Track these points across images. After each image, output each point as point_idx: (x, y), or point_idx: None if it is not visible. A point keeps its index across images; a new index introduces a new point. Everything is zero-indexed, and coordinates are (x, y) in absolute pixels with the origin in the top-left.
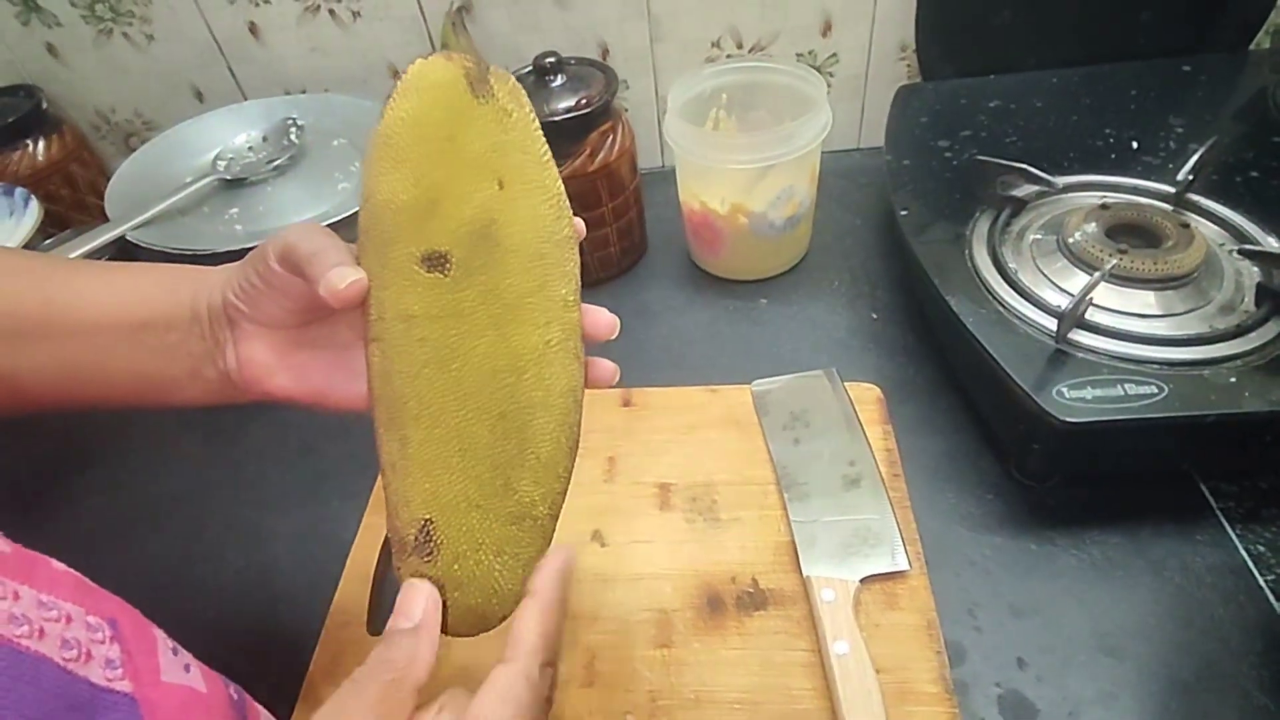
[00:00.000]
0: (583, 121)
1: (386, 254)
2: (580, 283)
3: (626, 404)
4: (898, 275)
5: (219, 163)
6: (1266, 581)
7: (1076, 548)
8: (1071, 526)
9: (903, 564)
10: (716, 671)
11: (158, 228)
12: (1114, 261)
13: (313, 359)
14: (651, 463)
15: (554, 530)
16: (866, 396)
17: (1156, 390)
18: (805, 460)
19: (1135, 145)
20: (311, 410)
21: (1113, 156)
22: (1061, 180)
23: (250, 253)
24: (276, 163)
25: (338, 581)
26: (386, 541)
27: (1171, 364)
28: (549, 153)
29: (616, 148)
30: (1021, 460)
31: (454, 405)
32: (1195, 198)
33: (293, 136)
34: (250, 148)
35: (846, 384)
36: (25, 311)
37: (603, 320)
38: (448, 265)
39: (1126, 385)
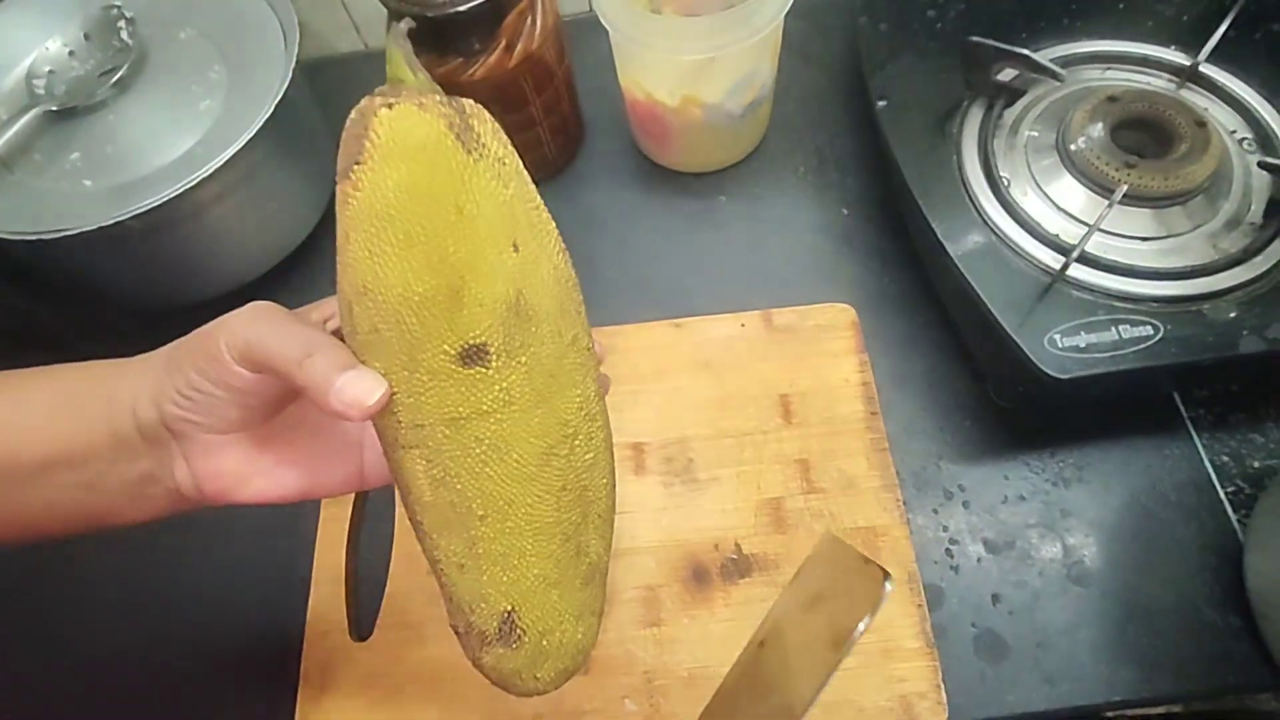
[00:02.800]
0: (492, 8)
1: (415, 357)
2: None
3: None
4: (869, 160)
5: (35, 83)
6: (1226, 494)
7: (1051, 472)
8: (1048, 449)
9: None
10: (708, 646)
11: None
12: (1124, 188)
13: (289, 451)
14: (621, 420)
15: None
16: (841, 319)
17: (1152, 331)
18: None
19: None
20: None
21: (1120, 6)
22: (1063, 50)
23: (180, 347)
24: (114, 76)
25: (307, 578)
26: (351, 536)
27: (1169, 300)
28: (535, 189)
29: (538, 30)
30: (1000, 386)
31: (519, 493)
32: (1210, 71)
33: (124, 34)
34: (71, 52)
35: (819, 306)
36: None
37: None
38: (489, 357)
39: (1121, 327)
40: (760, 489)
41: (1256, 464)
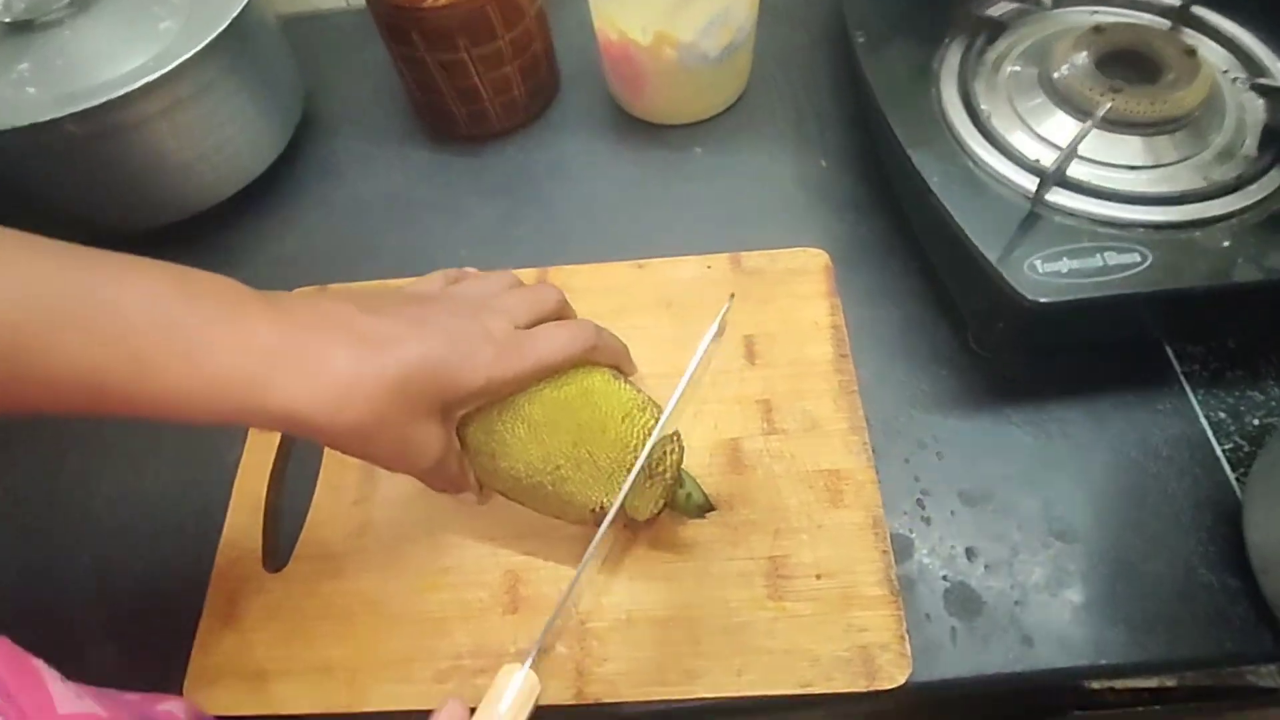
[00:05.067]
0: None
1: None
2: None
3: None
4: (851, 112)
5: None
6: (1224, 451)
7: (1033, 424)
8: (1030, 401)
9: None
10: (650, 588)
11: None
12: (1107, 105)
13: None
14: None
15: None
16: (813, 264)
17: (1140, 259)
18: None
19: None
20: None
21: None
22: None
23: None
24: None
25: (225, 509)
26: (276, 466)
27: (1158, 226)
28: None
29: None
30: (982, 334)
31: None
32: (1202, 12)
33: None
34: None
35: (790, 250)
36: None
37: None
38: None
39: (1106, 254)
40: (718, 429)
41: (1256, 421)
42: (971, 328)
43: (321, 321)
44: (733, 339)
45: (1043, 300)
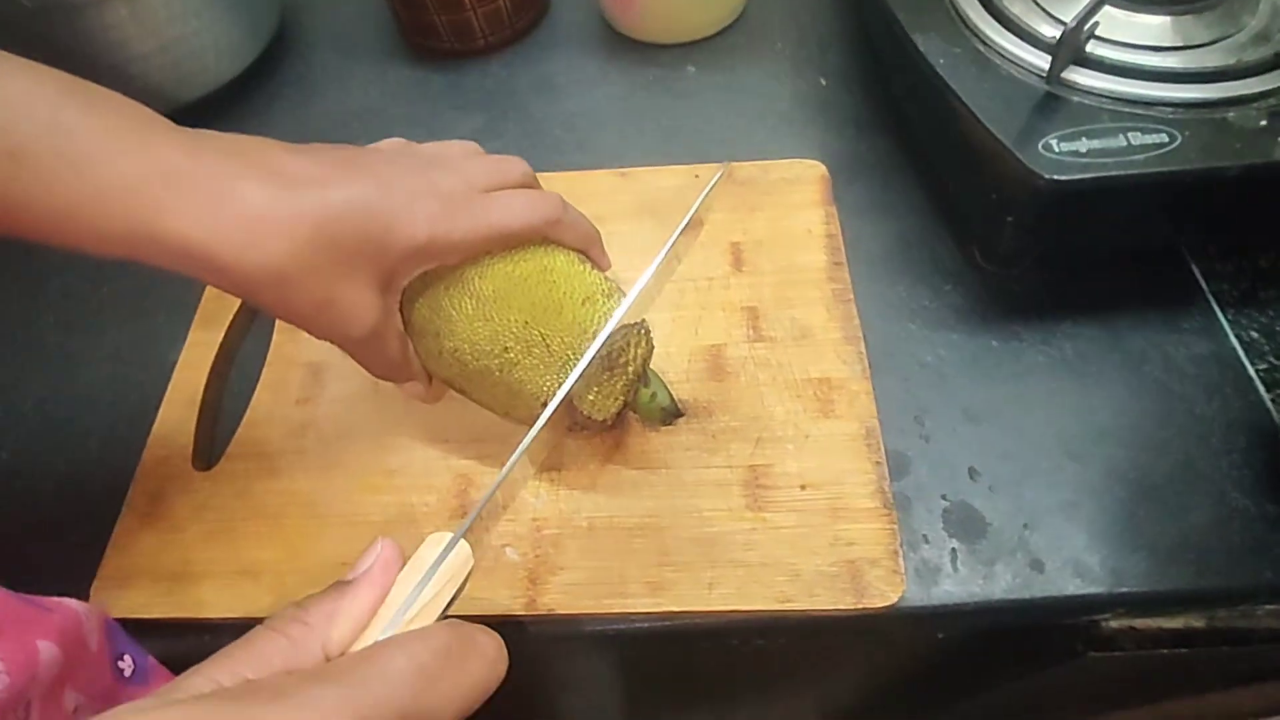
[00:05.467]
0: None
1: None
2: None
3: None
4: (854, 32)
5: None
6: (1258, 371)
7: (1045, 342)
8: (1041, 318)
9: None
10: (616, 495)
11: None
12: None
13: None
14: None
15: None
16: (808, 174)
17: (1168, 139)
18: None
19: None
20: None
21: None
22: None
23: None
24: None
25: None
26: (217, 361)
27: (1187, 105)
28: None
29: None
30: (990, 241)
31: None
32: None
33: None
34: None
35: (784, 161)
36: None
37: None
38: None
39: (1130, 134)
40: (698, 334)
41: None
42: (978, 240)
43: (235, 150)
44: (718, 245)
45: (1060, 178)
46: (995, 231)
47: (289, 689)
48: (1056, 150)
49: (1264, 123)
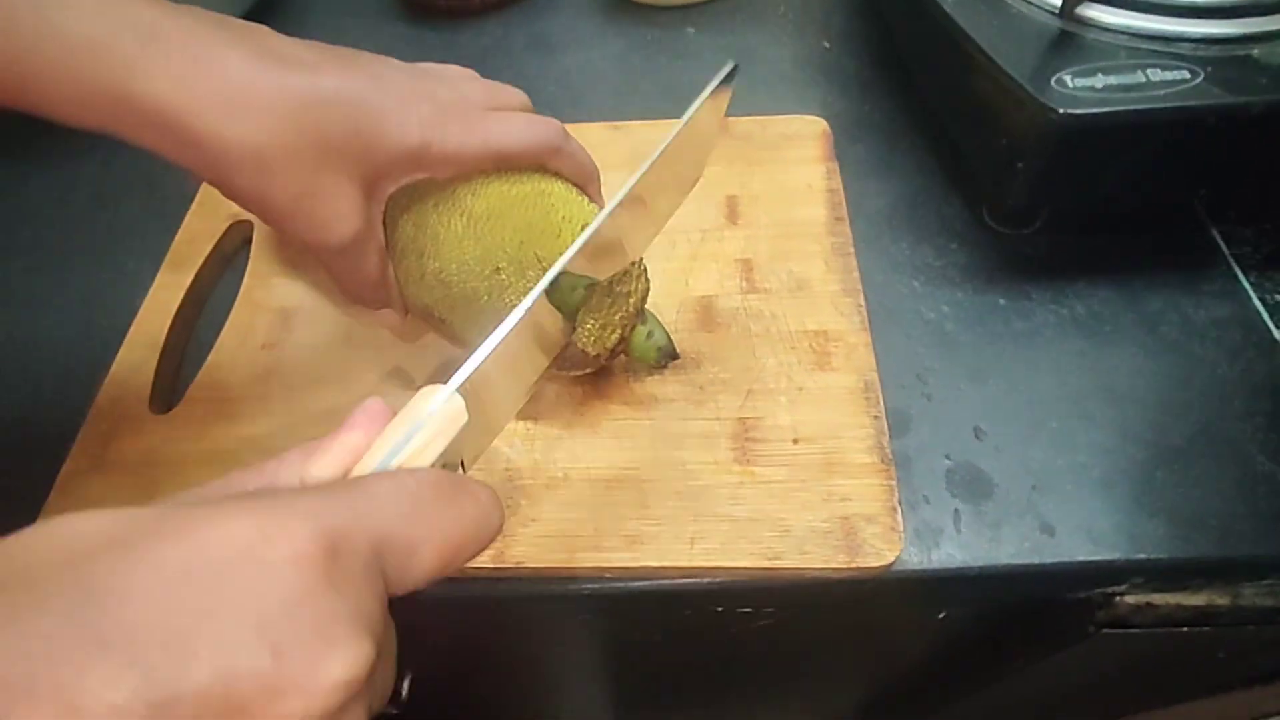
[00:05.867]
0: None
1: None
2: None
3: None
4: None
5: None
6: None
7: (1056, 302)
8: (1052, 278)
9: None
10: (594, 445)
11: None
12: None
13: None
14: None
15: None
16: (808, 130)
17: (1189, 75)
18: None
19: None
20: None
21: None
22: None
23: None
24: None
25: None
26: (184, 305)
27: (1210, 41)
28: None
29: None
30: (999, 194)
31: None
32: None
33: None
34: None
35: (784, 116)
36: None
37: None
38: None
39: (1149, 70)
40: (689, 285)
41: None
42: (987, 197)
43: (222, 21)
44: (713, 198)
45: (1074, 112)
46: (1004, 183)
47: (258, 496)
48: (1071, 85)
49: None
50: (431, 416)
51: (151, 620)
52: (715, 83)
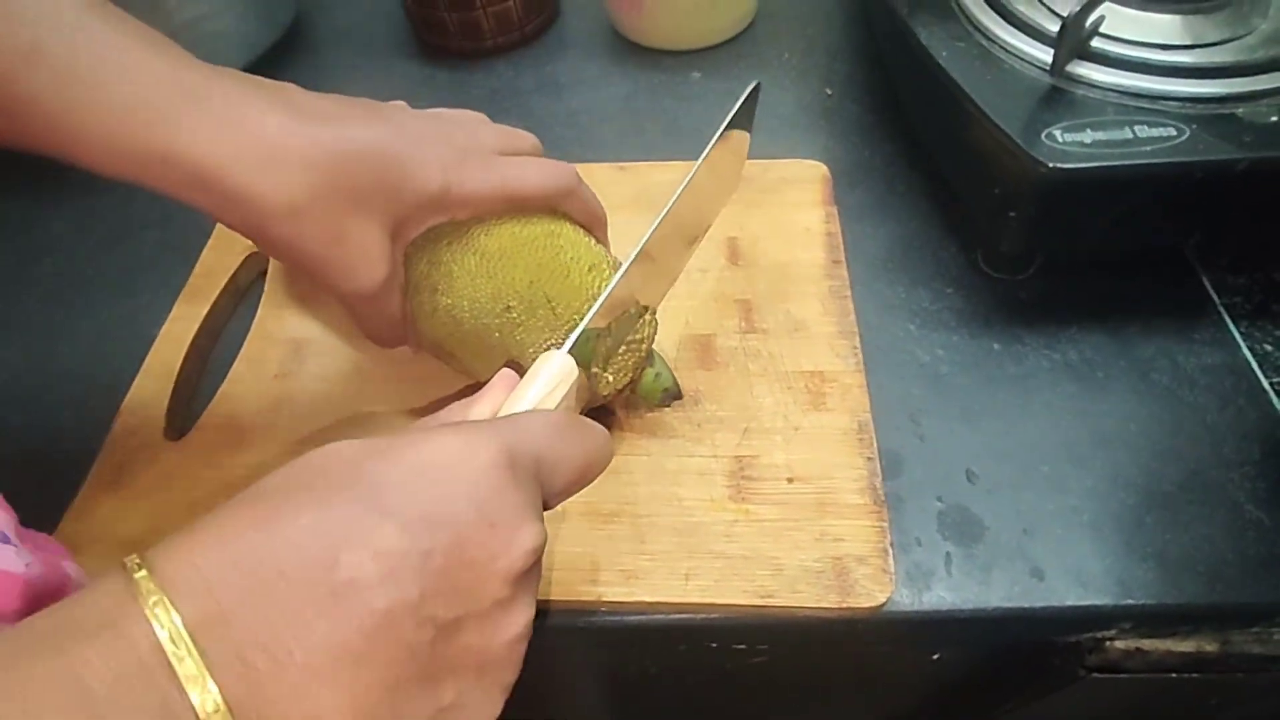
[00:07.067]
0: None
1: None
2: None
3: None
4: (862, 44)
5: None
6: (1272, 384)
7: (1049, 347)
8: (1045, 324)
9: None
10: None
11: None
12: None
13: None
14: None
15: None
16: (809, 175)
17: (1175, 132)
18: None
19: None
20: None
21: None
22: None
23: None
24: None
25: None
26: (199, 336)
27: (1196, 100)
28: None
29: None
30: (993, 241)
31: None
32: None
33: None
34: None
35: (785, 160)
36: None
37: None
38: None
39: (1137, 127)
40: (689, 324)
41: None
42: (982, 243)
43: (255, 82)
44: (715, 239)
45: (1063, 166)
46: (998, 231)
47: (454, 425)
48: (1060, 140)
49: (1275, 118)
50: (548, 377)
51: (409, 501)
52: (741, 101)
